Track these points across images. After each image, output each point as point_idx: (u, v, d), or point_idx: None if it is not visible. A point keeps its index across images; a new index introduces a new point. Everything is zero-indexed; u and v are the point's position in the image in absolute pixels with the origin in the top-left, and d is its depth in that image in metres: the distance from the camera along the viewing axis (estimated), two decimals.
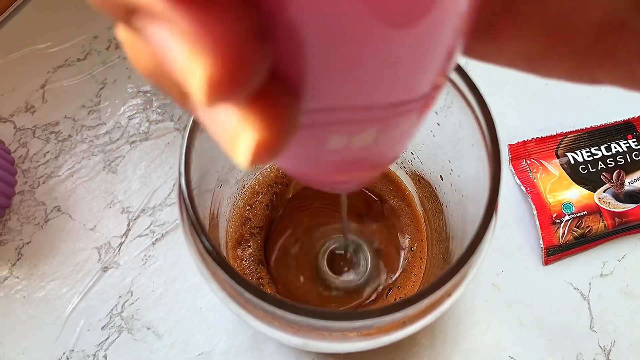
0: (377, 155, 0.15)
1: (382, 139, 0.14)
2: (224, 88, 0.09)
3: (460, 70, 0.25)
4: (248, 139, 0.10)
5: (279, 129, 0.10)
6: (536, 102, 0.44)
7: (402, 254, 0.36)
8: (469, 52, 0.15)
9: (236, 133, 0.10)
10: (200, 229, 0.23)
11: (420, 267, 0.36)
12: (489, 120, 0.24)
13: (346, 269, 0.37)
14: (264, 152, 0.10)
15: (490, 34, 0.14)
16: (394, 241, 0.37)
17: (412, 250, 0.36)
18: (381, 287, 0.36)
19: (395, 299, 0.35)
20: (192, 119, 0.25)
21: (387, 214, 0.37)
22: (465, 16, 0.11)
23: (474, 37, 0.14)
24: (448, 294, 0.25)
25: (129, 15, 0.09)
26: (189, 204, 0.23)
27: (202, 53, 0.09)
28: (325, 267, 0.37)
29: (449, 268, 0.23)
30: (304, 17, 0.09)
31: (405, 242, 0.37)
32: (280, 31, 0.10)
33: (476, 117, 0.25)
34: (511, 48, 0.14)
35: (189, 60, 0.09)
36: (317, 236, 0.37)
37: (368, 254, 0.37)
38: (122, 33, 0.10)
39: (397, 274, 0.36)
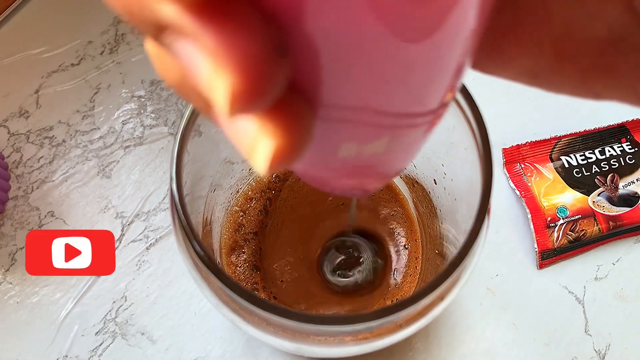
0: (386, 164, 0.16)
1: (392, 150, 0.15)
2: (245, 101, 0.10)
3: None
4: (266, 146, 0.11)
5: (295, 137, 0.11)
6: (530, 106, 0.44)
7: (398, 255, 0.36)
8: (475, 66, 0.15)
9: (255, 141, 0.11)
10: (192, 235, 0.23)
11: (416, 267, 0.36)
12: (480, 124, 0.24)
13: (342, 270, 0.37)
14: (282, 158, 0.11)
15: (496, 50, 0.14)
16: (389, 241, 0.37)
17: (407, 248, 0.36)
18: (377, 288, 0.36)
19: (393, 301, 0.35)
20: (183, 124, 0.25)
21: (382, 216, 0.37)
22: (474, 32, 0.12)
23: (480, 52, 0.14)
24: (441, 297, 0.25)
25: (159, 32, 0.10)
26: (180, 209, 0.23)
27: (226, 68, 0.10)
28: (322, 270, 0.37)
29: (442, 271, 0.23)
30: (321, 34, 0.10)
31: (400, 242, 0.37)
32: (297, 46, 0.10)
33: (468, 121, 0.25)
34: (516, 63, 0.14)
35: (213, 75, 0.10)
36: (312, 240, 0.37)
37: (364, 255, 0.37)
38: (150, 47, 0.11)
39: (393, 274, 0.36)
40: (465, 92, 0.25)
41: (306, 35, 0.10)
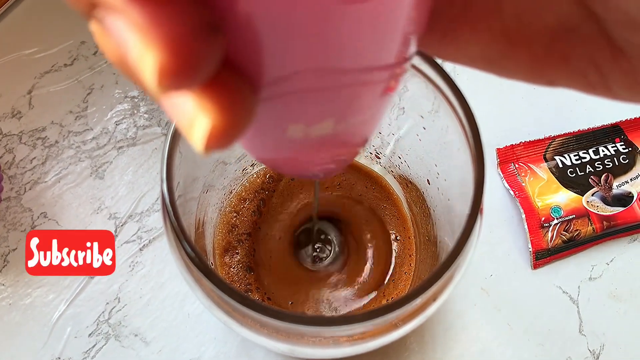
0: (338, 143, 0.16)
1: (339, 122, 0.14)
2: (174, 77, 0.10)
3: (445, 75, 0.25)
4: (203, 124, 0.11)
5: (234, 115, 0.11)
6: (524, 106, 0.44)
7: (392, 253, 0.36)
8: (431, 50, 0.15)
9: (193, 119, 0.11)
10: (183, 237, 0.23)
11: (410, 264, 0.36)
12: (472, 124, 0.24)
13: (338, 269, 0.37)
14: (220, 137, 0.11)
15: (449, 34, 0.14)
16: (382, 238, 0.37)
17: (400, 242, 0.36)
18: (373, 287, 0.36)
19: (388, 300, 0.35)
20: (174, 125, 0.24)
21: (376, 214, 0.37)
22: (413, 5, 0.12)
23: (435, 36, 0.14)
24: (435, 296, 0.25)
25: (91, 9, 0.10)
26: (171, 211, 0.23)
27: (153, 44, 0.09)
28: (315, 269, 0.37)
29: (435, 270, 0.23)
30: (255, 12, 0.10)
31: (394, 239, 0.37)
32: (232, 23, 0.10)
33: (461, 122, 0.25)
34: (470, 49, 0.14)
35: (141, 51, 0.10)
36: (307, 239, 0.37)
37: (360, 254, 0.37)
38: (93, 24, 0.11)
39: (389, 273, 0.36)
40: (457, 92, 0.25)
41: (239, 12, 0.10)
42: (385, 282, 0.36)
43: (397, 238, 0.37)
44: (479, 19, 0.14)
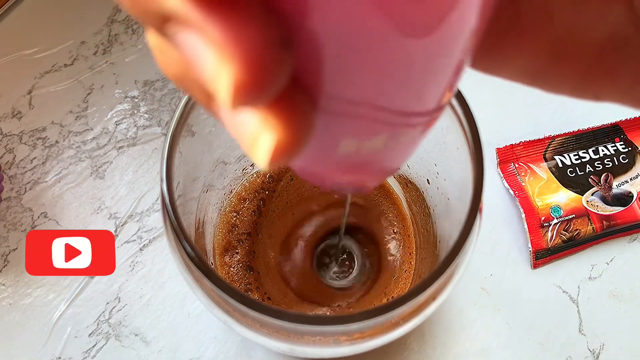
0: (383, 162, 0.16)
1: (390, 148, 0.15)
2: (249, 93, 0.10)
3: None
4: (267, 140, 0.11)
5: (297, 131, 0.11)
6: (524, 106, 0.44)
7: (392, 252, 0.36)
8: (475, 65, 0.15)
9: (256, 135, 0.11)
10: (183, 236, 0.23)
11: (411, 262, 0.36)
12: (472, 123, 0.24)
13: (336, 269, 0.37)
14: (283, 152, 0.11)
15: (496, 49, 0.14)
16: (382, 239, 0.37)
17: (400, 244, 0.36)
18: (372, 286, 0.36)
19: (388, 299, 0.35)
20: (173, 125, 0.24)
21: (375, 214, 0.37)
22: (476, 31, 0.12)
23: (480, 51, 0.14)
24: (435, 295, 0.25)
25: (163, 23, 0.10)
26: (171, 211, 0.23)
27: (230, 60, 0.10)
28: (315, 269, 0.37)
29: (435, 268, 0.23)
30: (325, 28, 0.10)
31: (393, 237, 0.37)
32: (301, 39, 0.10)
33: (460, 121, 0.25)
34: (516, 63, 0.14)
35: (217, 66, 0.10)
36: (307, 239, 0.37)
37: (358, 253, 0.37)
38: (152, 38, 0.11)
39: (389, 273, 0.36)
40: (457, 92, 0.25)
41: (310, 29, 0.10)
42: (386, 281, 0.36)
43: (399, 242, 0.37)
44: (527, 32, 0.13)
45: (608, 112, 0.43)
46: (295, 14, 0.10)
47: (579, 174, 0.41)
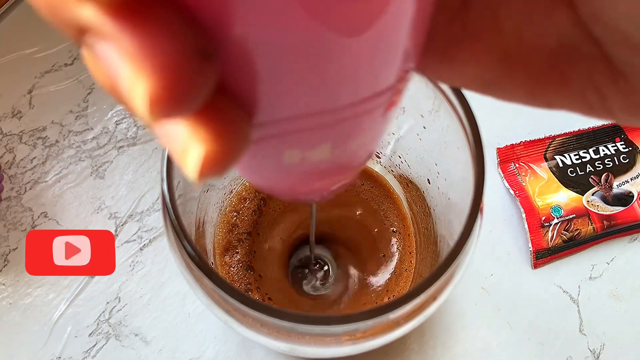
0: (340, 163, 0.15)
1: (339, 148, 0.14)
2: (165, 106, 0.09)
3: None
4: (196, 152, 0.10)
5: (227, 143, 0.11)
6: (524, 106, 0.44)
7: (392, 252, 0.36)
8: (427, 71, 0.15)
9: (186, 146, 0.11)
10: (183, 236, 0.23)
11: (411, 261, 0.36)
12: (472, 123, 0.24)
13: (335, 269, 0.37)
14: (213, 165, 0.11)
15: (447, 57, 0.14)
16: (382, 239, 0.37)
17: (400, 240, 0.36)
18: (372, 286, 0.36)
19: (389, 298, 0.35)
20: None
21: (375, 214, 0.37)
22: (410, 29, 0.11)
23: (432, 58, 0.14)
24: (436, 295, 0.25)
25: (81, 34, 0.10)
26: (171, 210, 0.23)
27: (144, 72, 0.09)
28: (314, 269, 0.37)
29: (436, 268, 0.23)
30: (247, 37, 0.10)
31: (393, 236, 0.37)
32: (225, 49, 0.10)
33: (461, 121, 0.25)
34: (468, 71, 0.14)
35: (132, 78, 0.09)
36: (305, 239, 0.37)
37: (357, 254, 0.37)
38: (83, 49, 0.11)
39: (389, 273, 0.36)
40: (458, 92, 0.25)
41: (233, 39, 0.10)
42: (387, 279, 0.36)
43: (399, 240, 0.37)
44: (478, 39, 0.13)
45: None
46: (215, 23, 0.10)
47: (580, 173, 0.41)
